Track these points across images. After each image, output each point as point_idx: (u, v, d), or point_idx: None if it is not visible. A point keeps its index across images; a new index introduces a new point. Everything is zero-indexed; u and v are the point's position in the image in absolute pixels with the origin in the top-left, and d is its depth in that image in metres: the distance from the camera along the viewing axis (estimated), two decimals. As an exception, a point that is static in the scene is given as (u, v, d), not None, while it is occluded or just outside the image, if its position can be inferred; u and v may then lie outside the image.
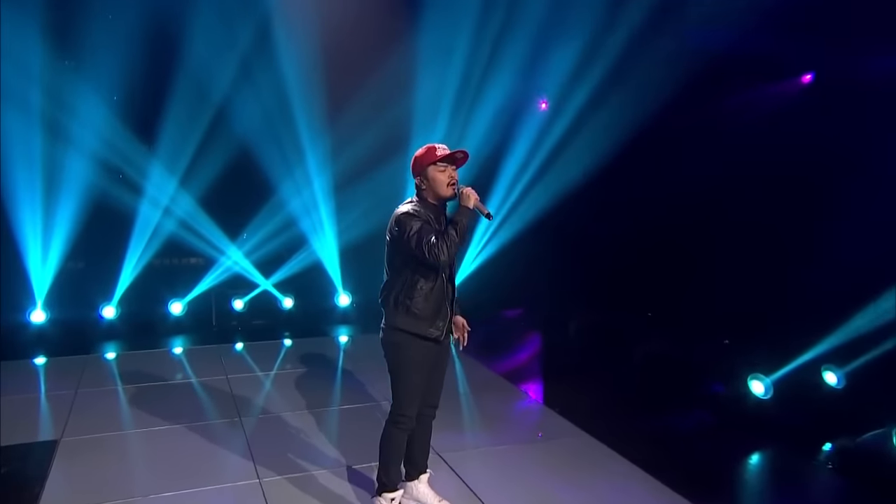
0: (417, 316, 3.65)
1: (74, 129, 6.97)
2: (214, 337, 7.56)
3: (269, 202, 7.85)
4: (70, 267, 7.44)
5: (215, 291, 7.92)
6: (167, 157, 7.34)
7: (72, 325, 7.33)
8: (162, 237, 7.59)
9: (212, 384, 6.07)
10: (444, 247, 3.44)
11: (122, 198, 7.28)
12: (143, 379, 6.18)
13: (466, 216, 3.55)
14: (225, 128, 7.38)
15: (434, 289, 3.64)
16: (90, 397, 5.71)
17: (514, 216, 8.24)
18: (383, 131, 7.43)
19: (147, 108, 7.15)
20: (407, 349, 3.68)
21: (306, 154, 7.77)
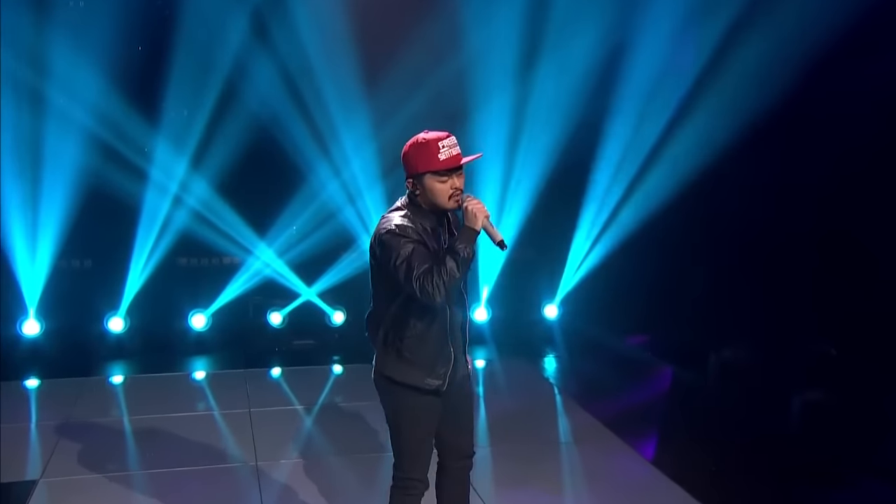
0: (411, 363, 3.55)
1: (64, 102, 7.19)
2: (245, 359, 7.67)
3: (300, 187, 7.91)
4: (66, 266, 7.68)
5: (245, 301, 8.05)
6: (175, 134, 7.50)
7: (72, 340, 7.57)
8: (175, 231, 7.73)
9: (231, 418, 6.17)
10: (441, 285, 3.28)
11: (124, 183, 7.44)
12: (149, 409, 6.31)
13: (473, 242, 3.37)
14: (242, 99, 7.51)
15: (432, 328, 3.53)
16: (82, 429, 5.86)
17: (629, 206, 8.23)
18: (434, 97, 7.46)
19: (149, 76, 7.32)
20: (405, 404, 3.61)
21: (342, 128, 7.84)
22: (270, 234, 7.97)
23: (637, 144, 8.08)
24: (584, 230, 8.37)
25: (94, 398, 6.54)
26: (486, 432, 6.00)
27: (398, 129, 7.24)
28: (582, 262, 8.43)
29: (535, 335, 8.47)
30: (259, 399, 6.57)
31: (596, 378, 7.42)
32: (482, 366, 7.86)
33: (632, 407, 6.76)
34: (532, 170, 8.15)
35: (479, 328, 8.37)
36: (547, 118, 7.97)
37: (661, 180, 7.97)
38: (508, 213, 8.27)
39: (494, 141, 7.97)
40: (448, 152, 3.39)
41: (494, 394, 7.07)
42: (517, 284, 8.50)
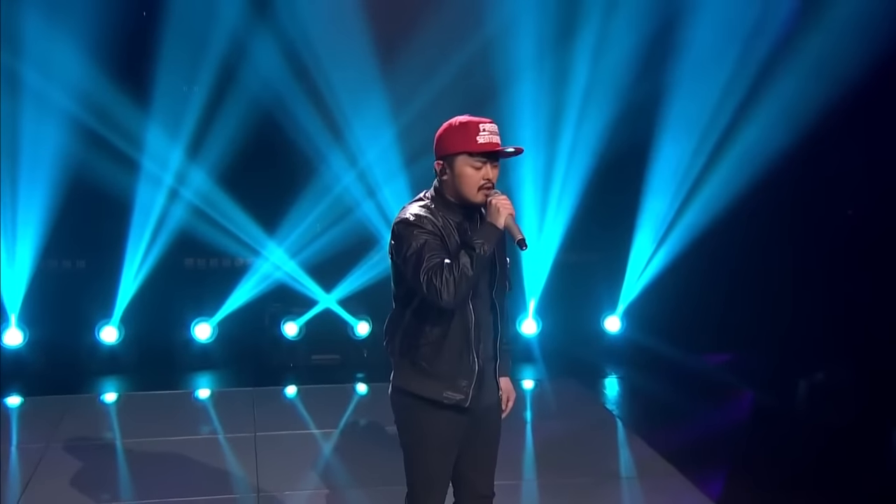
0: (427, 372, 3.57)
1: (43, 82, 7.24)
2: (256, 376, 7.71)
3: (311, 179, 7.96)
4: (50, 267, 7.72)
5: (257, 309, 8.06)
6: (169, 119, 7.56)
7: (59, 351, 7.62)
8: (172, 228, 7.78)
9: (234, 443, 6.20)
10: (451, 281, 3.30)
11: (114, 174, 7.48)
12: (144, 431, 6.36)
13: (492, 240, 3.41)
14: (242, 79, 7.60)
15: (450, 335, 3.52)
16: (67, 452, 5.88)
17: (699, 198, 8.23)
18: (458, 75, 7.56)
19: (138, 54, 7.39)
20: (418, 419, 3.61)
21: (356, 112, 7.89)
22: (280, 231, 8.05)
23: (706, 125, 8.08)
24: (647, 228, 8.36)
25: (83, 417, 6.59)
26: (533, 463, 6.04)
27: (418, 112, 7.44)
28: (646, 266, 8.41)
29: (593, 352, 8.39)
30: (268, 422, 6.57)
31: (662, 403, 7.37)
32: (530, 387, 7.79)
33: (702, 438, 6.67)
34: (579, 159, 8.13)
35: (526, 343, 8.31)
36: (593, 98, 7.99)
37: (736, 168, 7.98)
38: (553, 209, 8.26)
39: (532, 126, 7.96)
40: (488, 137, 3.43)
41: (543, 419, 7.00)
42: (571, 292, 8.44)
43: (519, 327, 8.36)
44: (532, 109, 7.99)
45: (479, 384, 3.55)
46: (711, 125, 8.11)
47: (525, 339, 8.34)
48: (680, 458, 6.03)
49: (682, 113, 8.12)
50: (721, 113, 8.05)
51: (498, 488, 4.19)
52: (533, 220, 8.30)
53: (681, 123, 8.16)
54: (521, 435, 6.54)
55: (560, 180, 8.22)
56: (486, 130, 3.43)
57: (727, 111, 8.02)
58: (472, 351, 3.52)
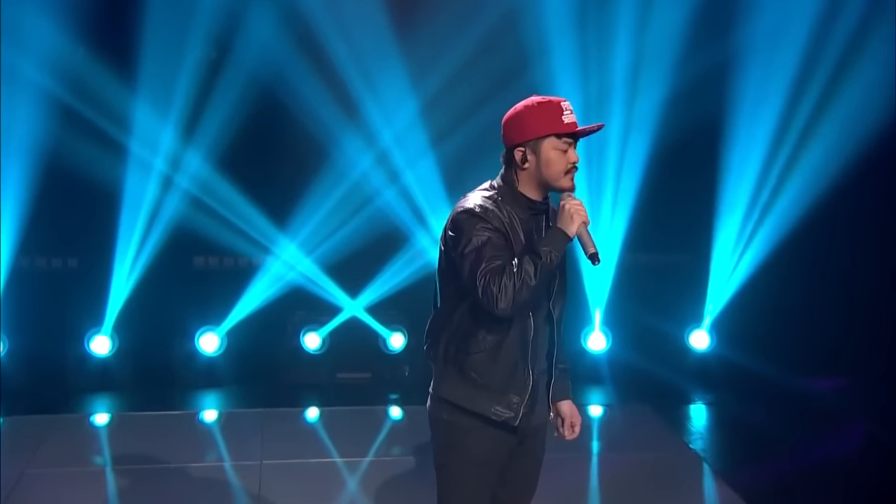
0: (476, 384, 3.69)
1: (15, 55, 7.42)
2: (272, 395, 7.88)
3: (324, 162, 8.08)
4: (28, 267, 7.93)
5: (276, 316, 8.19)
6: (159, 98, 7.73)
7: (42, 364, 7.81)
8: (169, 222, 7.94)
9: (240, 471, 6.32)
10: (510, 288, 3.44)
11: (98, 158, 7.62)
12: (133, 458, 6.50)
13: (561, 248, 3.55)
14: (240, 50, 7.76)
15: (506, 343, 3.66)
16: (43, 481, 6.03)
17: (790, 185, 8.27)
18: (486, 40, 7.66)
19: (122, 22, 7.55)
20: (461, 435, 3.73)
21: (372, 83, 7.98)
22: (292, 224, 8.18)
23: (790, 96, 8.14)
24: (729, 220, 8.43)
25: (67, 440, 6.76)
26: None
27: (443, 83, 7.61)
28: (735, 268, 8.45)
29: (675, 373, 8.39)
30: (281, 448, 6.69)
31: (756, 437, 7.30)
32: (598, 413, 7.84)
33: (804, 484, 6.53)
34: (635, 141, 8.22)
35: (593, 361, 8.35)
36: (649, 68, 8.07)
37: (837, 142, 8.02)
38: (609, 200, 8.36)
39: (577, 99, 7.83)
40: (570, 117, 3.58)
41: (610, 453, 7.02)
42: (644, 300, 8.48)
43: (584, 342, 8.41)
44: (576, 80, 8.08)
45: (531, 402, 3.69)
46: (798, 96, 8.16)
47: (592, 356, 8.37)
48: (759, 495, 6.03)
49: (757, 83, 8.18)
50: (810, 82, 8.11)
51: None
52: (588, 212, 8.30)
53: (757, 96, 8.21)
54: (581, 472, 6.55)
55: (614, 166, 8.31)
56: (568, 110, 3.58)
57: (819, 81, 8.07)
58: (527, 365, 3.66)
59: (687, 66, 8.08)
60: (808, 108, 8.24)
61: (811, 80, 8.20)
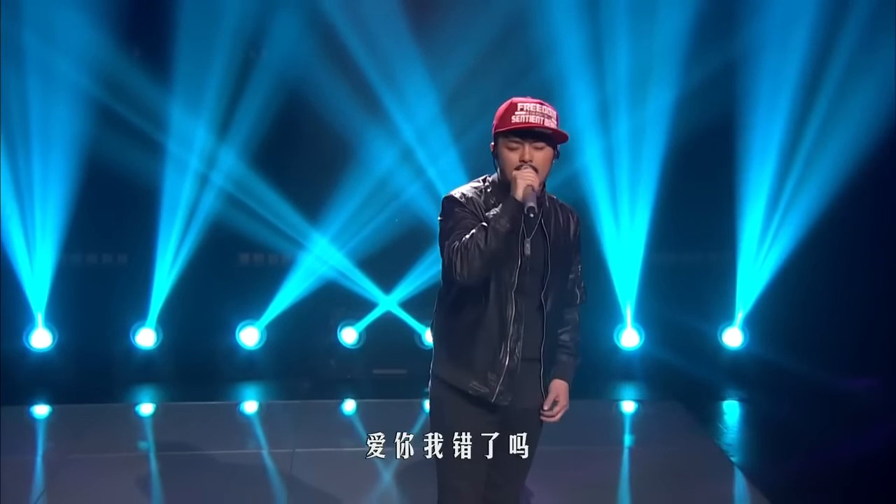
0: (459, 361, 3.88)
1: (60, 63, 7.74)
2: (310, 387, 8.09)
3: (352, 160, 8.22)
4: (74, 263, 8.23)
5: (309, 311, 8.34)
6: (194, 99, 7.97)
7: (90, 356, 8.10)
8: (206, 219, 8.17)
9: (276, 458, 6.49)
10: (465, 255, 3.63)
11: (138, 157, 7.89)
12: (171, 444, 6.71)
13: (510, 213, 3.67)
14: (270, 50, 8.05)
15: (484, 321, 3.83)
16: (85, 465, 6.24)
17: (815, 172, 8.28)
18: (504, 35, 7.80)
19: (156, 27, 7.83)
20: (446, 409, 3.92)
21: (395, 78, 8.10)
22: (324, 221, 8.32)
23: (805, 89, 8.18)
24: (754, 221, 8.43)
25: (110, 428, 6.98)
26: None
27: (461, 80, 7.76)
28: (762, 266, 8.44)
29: (708, 370, 8.43)
30: (314, 438, 6.83)
31: (786, 436, 7.31)
32: (630, 409, 7.91)
33: (837, 488, 6.44)
34: (655, 145, 8.26)
35: (627, 357, 8.46)
36: (664, 67, 8.14)
37: (851, 137, 8.03)
38: (626, 198, 8.41)
39: (593, 99, 8.17)
40: (523, 116, 3.72)
41: (639, 445, 7.13)
42: (674, 298, 8.52)
43: (617, 339, 8.48)
44: (590, 78, 8.18)
45: (509, 382, 3.81)
46: (813, 90, 8.18)
47: (625, 353, 8.46)
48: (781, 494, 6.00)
49: (771, 80, 8.22)
50: (825, 77, 8.13)
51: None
52: (607, 211, 8.44)
53: (771, 92, 8.24)
54: (607, 464, 6.64)
55: (632, 166, 8.38)
56: (523, 110, 3.71)
57: (834, 74, 8.09)
58: (505, 345, 3.80)
59: (698, 64, 8.15)
60: (825, 103, 8.24)
61: (826, 74, 8.22)
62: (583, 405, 7.50)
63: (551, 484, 5.98)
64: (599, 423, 7.45)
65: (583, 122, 8.20)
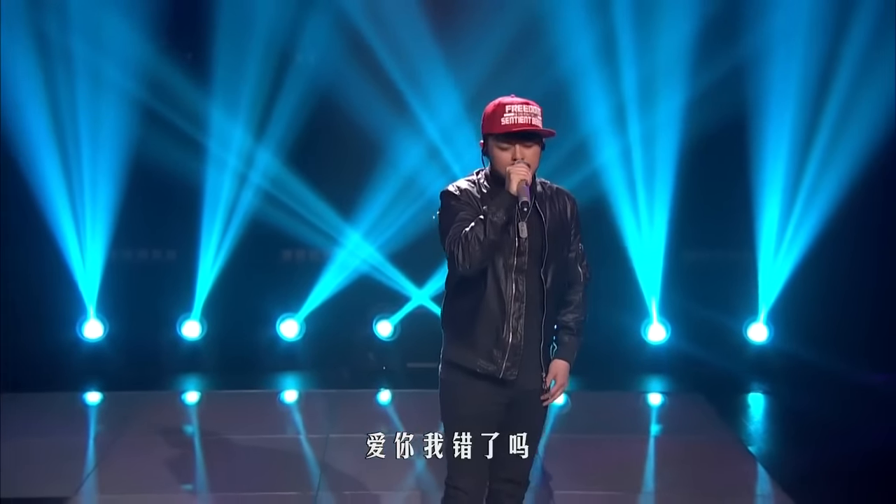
0: (465, 342, 4.02)
1: (108, 69, 8.17)
2: (346, 378, 8.40)
3: (381, 159, 8.47)
4: (124, 258, 8.63)
5: (345, 304, 8.62)
6: (232, 102, 8.34)
7: (139, 346, 8.49)
8: (244, 216, 8.49)
9: (313, 443, 6.79)
10: (466, 246, 3.78)
11: (180, 157, 8.25)
12: (216, 431, 7.04)
13: (504, 206, 3.80)
14: (300, 55, 8.39)
15: (485, 303, 3.98)
16: (132, 447, 6.64)
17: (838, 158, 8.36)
18: (522, 30, 8.04)
19: (194, 34, 8.27)
20: (456, 389, 4.07)
21: (419, 78, 8.33)
22: (357, 217, 8.58)
23: (817, 84, 8.26)
24: (771, 218, 8.51)
25: (156, 414, 7.33)
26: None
27: (486, 79, 7.91)
28: (783, 262, 8.52)
29: (733, 364, 8.55)
30: (348, 424, 7.10)
31: (803, 423, 7.41)
32: (657, 402, 8.10)
33: (841, 468, 6.52)
34: (671, 145, 8.41)
35: (654, 351, 8.63)
36: (681, 64, 8.28)
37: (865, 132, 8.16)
38: (644, 197, 8.55)
39: (609, 100, 8.34)
40: (512, 118, 3.87)
41: (659, 434, 7.35)
42: (701, 296, 8.63)
43: (644, 334, 8.65)
44: (607, 79, 8.35)
45: (514, 360, 3.95)
46: (825, 87, 8.26)
47: (652, 347, 8.63)
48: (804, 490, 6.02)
49: (783, 78, 8.31)
50: (838, 73, 8.20)
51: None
52: (627, 209, 8.59)
53: (785, 90, 8.33)
54: (626, 452, 6.81)
55: (648, 166, 8.52)
56: (511, 112, 3.86)
57: (846, 70, 8.17)
58: (506, 324, 3.94)
59: (709, 65, 8.29)
60: (836, 102, 8.31)
61: (839, 71, 8.26)
62: (611, 397, 7.95)
63: (579, 469, 6.25)
64: (626, 413, 7.68)
65: (599, 123, 8.35)
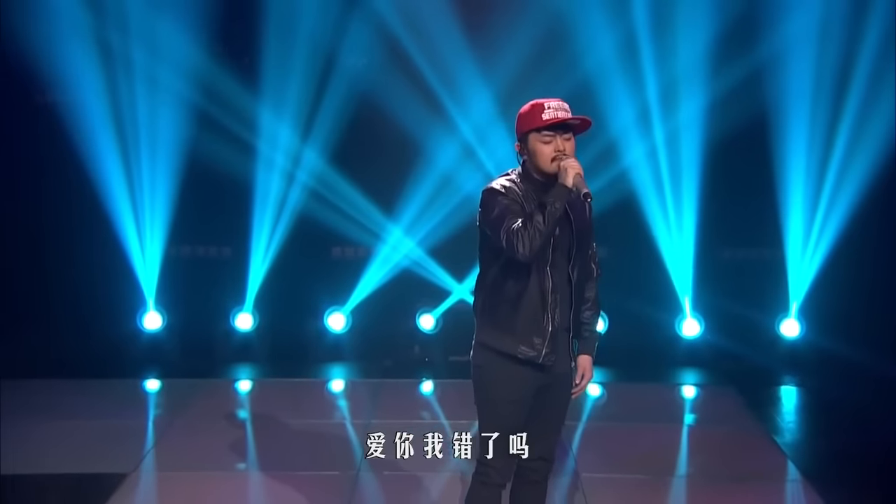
0: (504, 329, 4.22)
1: (165, 75, 8.63)
2: (390, 368, 8.75)
3: (420, 159, 8.78)
4: (181, 255, 9.10)
5: (388, 298, 8.95)
6: (280, 106, 8.74)
7: (195, 335, 8.94)
8: (293, 214, 8.89)
9: (357, 429, 7.15)
10: (526, 235, 3.96)
11: (231, 157, 8.66)
12: (267, 416, 7.44)
13: (562, 198, 4.04)
14: (345, 60, 8.75)
15: (527, 293, 4.19)
16: (186, 429, 7.05)
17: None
18: (546, 30, 8.27)
19: (246, 45, 8.73)
20: (494, 372, 4.25)
21: (453, 84, 8.63)
22: (399, 214, 8.90)
23: (836, 81, 8.42)
24: (796, 216, 8.62)
25: (210, 400, 7.76)
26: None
27: (512, 79, 8.24)
28: (811, 259, 8.62)
29: (765, 358, 8.77)
30: (390, 411, 7.47)
31: (831, 414, 7.59)
32: (691, 394, 8.32)
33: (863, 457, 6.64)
34: (694, 147, 8.62)
35: (688, 345, 8.84)
36: (702, 68, 8.48)
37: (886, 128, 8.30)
38: (681, 203, 8.75)
39: (633, 104, 8.55)
40: (552, 113, 4.10)
41: (694, 429, 7.52)
42: (733, 294, 8.83)
43: (679, 329, 8.84)
44: (631, 82, 8.56)
45: (552, 346, 4.18)
46: (845, 80, 8.40)
47: (687, 342, 8.84)
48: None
49: (805, 78, 8.45)
50: (857, 72, 8.32)
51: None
52: (656, 209, 8.78)
53: (805, 88, 8.47)
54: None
55: (669, 165, 8.73)
56: (550, 107, 4.09)
57: (864, 69, 8.29)
58: (546, 313, 4.16)
59: (729, 68, 8.49)
60: (855, 102, 8.44)
61: (857, 69, 8.39)
62: (647, 388, 8.24)
63: (614, 455, 6.53)
64: (660, 404, 7.92)
65: (626, 124, 8.57)
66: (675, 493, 6.12)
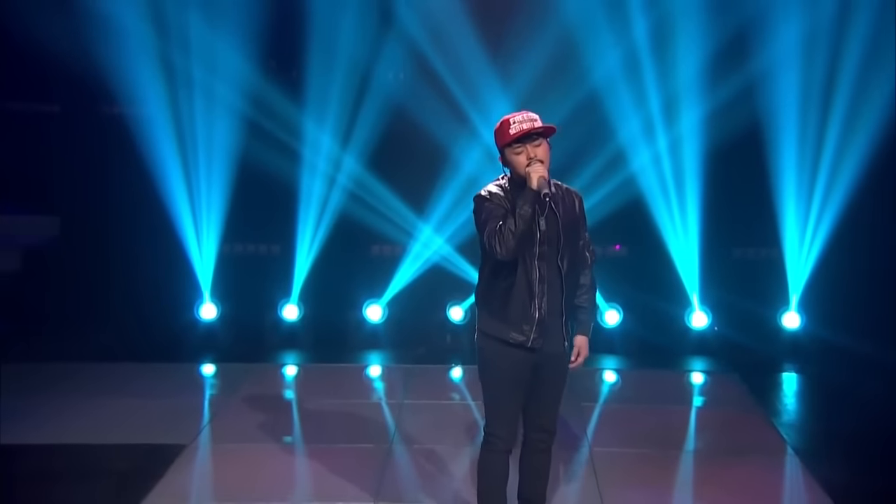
0: (497, 317, 4.62)
1: (220, 87, 9.21)
2: (423, 355, 9.21)
3: (447, 164, 9.24)
4: (233, 252, 9.71)
5: (421, 292, 9.47)
6: (320, 112, 9.28)
7: (246, 324, 9.50)
8: (334, 215, 9.44)
9: (393, 409, 7.66)
10: (501, 237, 4.33)
11: (278, 163, 9.21)
12: (310, 396, 8.03)
13: (530, 201, 4.35)
14: (379, 73, 9.28)
15: (515, 288, 4.56)
16: (239, 407, 7.59)
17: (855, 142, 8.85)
18: (559, 42, 8.63)
19: (291, 59, 9.32)
20: (492, 355, 4.66)
21: (476, 93, 9.03)
22: (428, 214, 9.38)
23: (823, 89, 8.76)
24: (790, 217, 8.93)
25: (260, 382, 8.30)
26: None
27: (529, 90, 8.61)
28: (807, 255, 8.91)
29: (767, 348, 9.15)
30: (420, 392, 7.99)
31: (825, 397, 7.93)
32: (699, 380, 8.67)
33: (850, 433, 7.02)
34: (694, 147, 9.00)
35: (698, 336, 9.23)
36: (699, 82, 8.87)
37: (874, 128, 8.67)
38: (685, 206, 9.09)
39: (638, 114, 8.94)
40: (518, 126, 4.45)
41: (698, 411, 7.89)
42: (737, 289, 9.19)
43: (688, 321, 9.20)
44: (636, 93, 8.94)
45: (540, 331, 4.53)
46: (832, 90, 8.70)
47: (697, 332, 9.22)
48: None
49: (795, 88, 8.81)
50: (844, 76, 8.63)
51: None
52: (663, 213, 9.15)
53: (795, 98, 8.82)
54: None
55: (672, 171, 9.10)
56: (515, 122, 4.44)
57: (852, 73, 8.58)
58: (533, 302, 4.53)
59: (723, 82, 8.87)
60: (844, 105, 8.78)
61: (843, 79, 8.73)
62: (657, 374, 8.63)
63: (627, 432, 6.94)
64: (669, 389, 8.31)
65: (633, 133, 9.02)
66: (675, 465, 6.45)
